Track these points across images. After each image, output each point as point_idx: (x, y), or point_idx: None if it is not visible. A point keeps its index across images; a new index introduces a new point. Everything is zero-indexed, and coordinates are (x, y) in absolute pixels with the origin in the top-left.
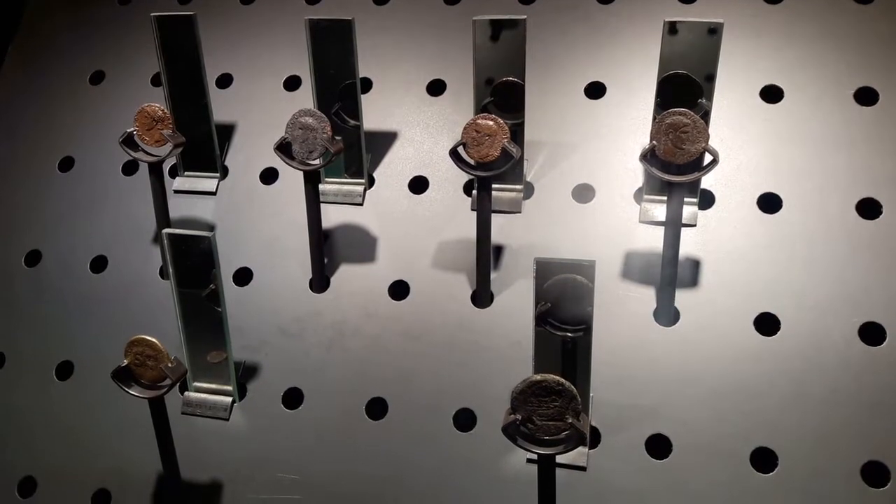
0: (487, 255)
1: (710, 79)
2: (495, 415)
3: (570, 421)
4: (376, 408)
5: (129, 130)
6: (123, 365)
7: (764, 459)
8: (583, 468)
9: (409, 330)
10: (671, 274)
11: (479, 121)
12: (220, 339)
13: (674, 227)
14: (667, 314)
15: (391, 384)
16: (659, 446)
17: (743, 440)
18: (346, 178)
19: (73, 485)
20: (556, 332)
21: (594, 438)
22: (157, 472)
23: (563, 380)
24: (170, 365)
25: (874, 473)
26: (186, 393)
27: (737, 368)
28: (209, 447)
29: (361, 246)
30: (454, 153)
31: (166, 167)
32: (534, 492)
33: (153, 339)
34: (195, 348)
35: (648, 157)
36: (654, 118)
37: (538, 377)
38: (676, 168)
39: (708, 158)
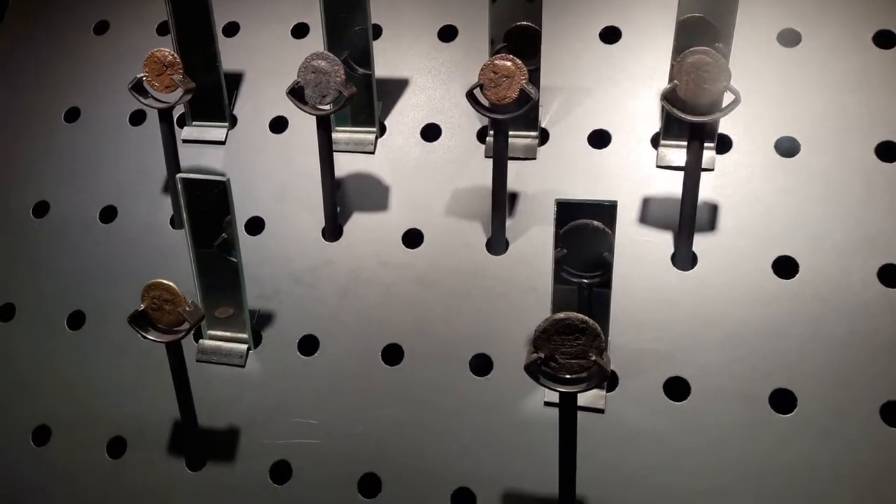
0: (503, 200)
1: (728, 23)
2: (512, 360)
3: (593, 359)
4: (392, 354)
5: (138, 76)
6: (140, 309)
7: (783, 401)
8: (601, 411)
9: (424, 277)
10: (690, 218)
11: (497, 62)
12: (234, 286)
13: (694, 170)
14: (684, 258)
15: (406, 331)
16: (677, 389)
17: (762, 382)
18: (356, 126)
19: (88, 433)
20: (572, 279)
21: (612, 382)
22: (173, 418)
23: (586, 318)
24: (187, 309)
25: (893, 413)
26: (201, 341)
27: (755, 311)
28: (225, 394)
29: (374, 195)
30: (471, 95)
31: (175, 115)
32: (552, 434)
33: (170, 283)
34: (210, 296)
35: (670, 97)
36: (673, 60)
37: (562, 315)
38: (698, 109)
39: (728, 99)
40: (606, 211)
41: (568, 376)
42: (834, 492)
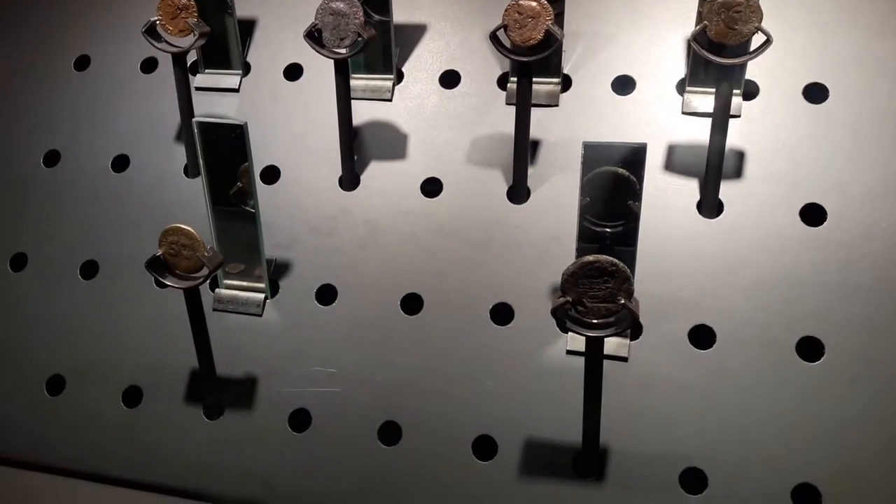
0: (526, 146)
1: None
2: (533, 309)
3: (622, 302)
4: (411, 303)
5: (152, 20)
6: (157, 255)
7: (810, 349)
8: (624, 359)
9: (444, 227)
10: (716, 165)
11: (522, 1)
12: (251, 235)
13: (722, 115)
14: (710, 206)
15: (426, 280)
16: (702, 337)
17: (789, 330)
18: (373, 74)
19: (103, 382)
20: (595, 229)
21: (636, 330)
22: (189, 367)
23: (616, 260)
24: (206, 254)
25: None
26: (217, 290)
27: (782, 259)
28: (243, 343)
29: (391, 143)
30: (494, 37)
31: (189, 61)
32: (574, 382)
33: (188, 228)
34: (226, 246)
35: (699, 39)
36: (702, 1)
37: (591, 258)
38: (727, 51)
39: (758, 41)
40: (635, 153)
41: (595, 321)
42: (862, 440)
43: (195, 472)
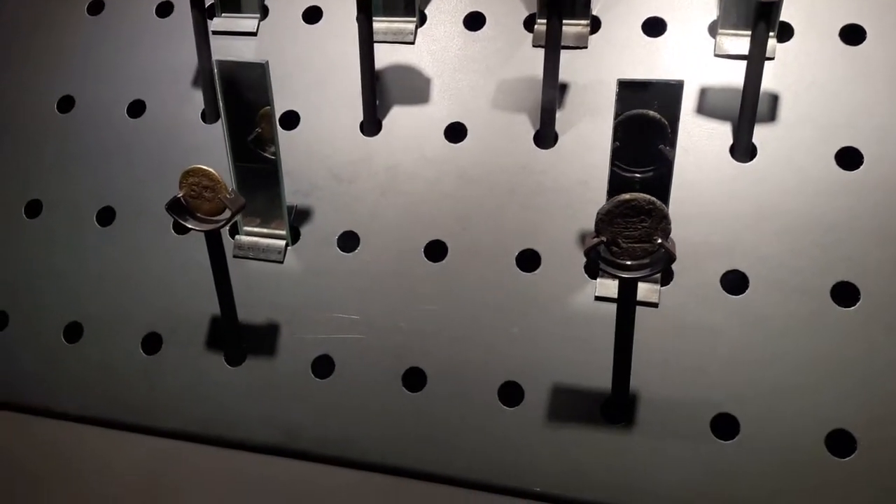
0: (553, 89)
1: None
2: (561, 255)
3: (658, 242)
4: (435, 250)
5: None
6: (178, 196)
7: (845, 294)
8: (654, 305)
9: (468, 172)
10: (751, 107)
11: None
12: (272, 181)
13: (758, 56)
14: (744, 149)
15: (450, 227)
16: (734, 282)
17: (823, 275)
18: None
19: (122, 329)
20: (625, 174)
21: (666, 276)
22: (210, 313)
23: (653, 198)
24: (228, 196)
25: None
26: (237, 236)
27: (816, 203)
28: (264, 290)
29: (414, 87)
30: None
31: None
32: (602, 329)
33: (210, 169)
34: (246, 191)
35: None
36: None
37: (627, 196)
38: None
39: None
40: (671, 90)
41: (630, 262)
42: None
43: (217, 419)
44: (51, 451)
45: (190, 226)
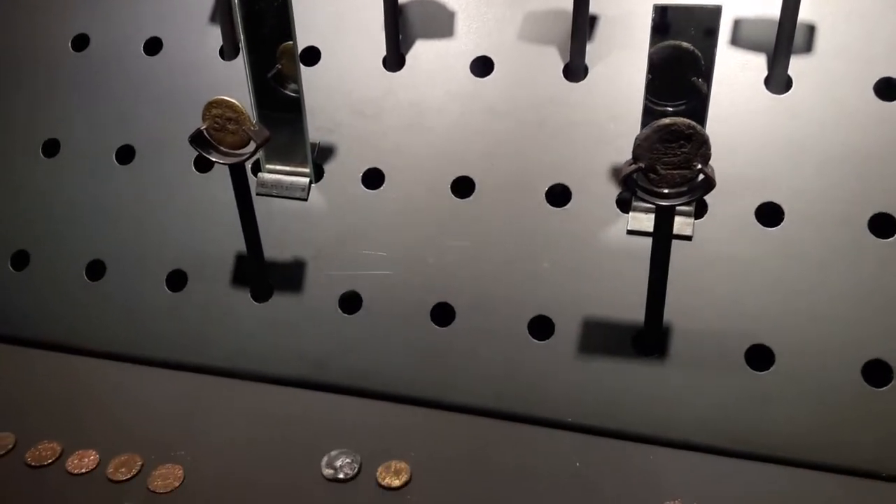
0: (584, 20)
1: None
2: (592, 189)
3: (698, 167)
4: (462, 186)
5: None
6: (201, 129)
7: (883, 225)
8: (688, 237)
9: (495, 107)
10: (787, 38)
11: None
12: (295, 116)
13: None
14: (779, 81)
15: (477, 163)
16: (770, 214)
17: (860, 206)
18: None
19: (145, 267)
20: (657, 108)
21: (700, 208)
22: (234, 251)
23: (693, 123)
24: (253, 128)
25: None
26: (260, 174)
27: (853, 135)
28: (288, 227)
29: (438, 21)
30: None
31: None
32: (634, 263)
33: (234, 100)
34: (269, 128)
35: None
36: None
37: (667, 120)
38: None
39: None
40: (709, 15)
41: (667, 190)
42: None
43: (244, 354)
44: (79, 388)
45: (214, 159)
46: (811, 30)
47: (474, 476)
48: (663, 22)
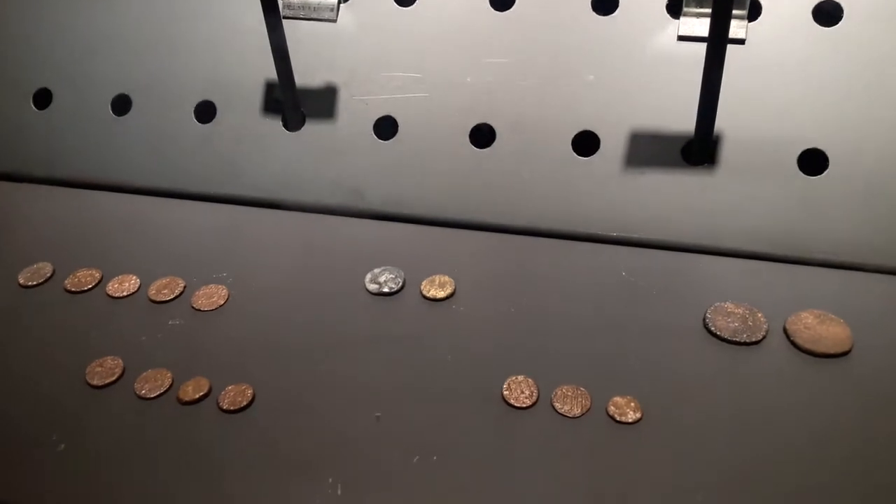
0: None
1: None
2: None
3: None
4: None
5: None
6: None
7: None
8: (741, 41)
9: None
10: None
11: None
12: None
13: None
14: None
15: None
16: (828, 12)
17: None
18: None
19: (171, 98)
20: None
21: (754, 10)
22: (263, 80)
23: None
24: None
25: None
26: None
27: None
28: (318, 51)
29: None
30: None
31: None
32: (686, 71)
33: None
34: None
35: None
36: None
37: None
38: None
39: None
40: None
41: None
42: None
43: (279, 183)
44: (113, 222)
45: None
46: None
47: (520, 287)
48: None
